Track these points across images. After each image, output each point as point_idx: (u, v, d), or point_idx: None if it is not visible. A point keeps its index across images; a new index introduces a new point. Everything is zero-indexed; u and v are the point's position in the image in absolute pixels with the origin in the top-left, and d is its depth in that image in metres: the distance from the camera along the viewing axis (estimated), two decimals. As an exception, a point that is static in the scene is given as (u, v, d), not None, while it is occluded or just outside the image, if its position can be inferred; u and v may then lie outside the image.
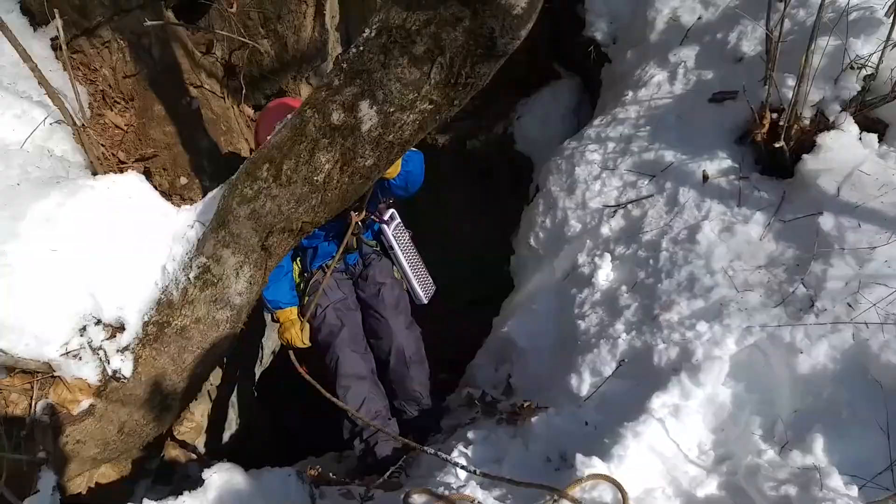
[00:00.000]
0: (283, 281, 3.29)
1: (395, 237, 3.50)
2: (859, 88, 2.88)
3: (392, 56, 1.93)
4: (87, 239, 2.35)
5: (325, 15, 4.38)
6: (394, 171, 2.95)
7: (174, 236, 2.46)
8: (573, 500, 2.04)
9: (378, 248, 3.59)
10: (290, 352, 3.33)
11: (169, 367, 2.41)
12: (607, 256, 3.18)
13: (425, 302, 3.64)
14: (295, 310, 3.34)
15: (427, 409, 3.42)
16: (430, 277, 3.70)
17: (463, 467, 2.46)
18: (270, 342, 4.84)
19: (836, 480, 1.98)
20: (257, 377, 4.81)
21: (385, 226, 3.48)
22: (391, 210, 3.55)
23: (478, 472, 2.33)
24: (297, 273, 3.53)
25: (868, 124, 2.87)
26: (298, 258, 3.54)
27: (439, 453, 2.56)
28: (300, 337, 3.30)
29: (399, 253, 3.51)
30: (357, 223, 3.26)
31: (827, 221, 2.61)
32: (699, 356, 2.45)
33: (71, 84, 2.96)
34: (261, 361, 4.82)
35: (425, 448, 2.67)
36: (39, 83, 2.76)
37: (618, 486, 2.08)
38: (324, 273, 3.41)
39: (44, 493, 2.08)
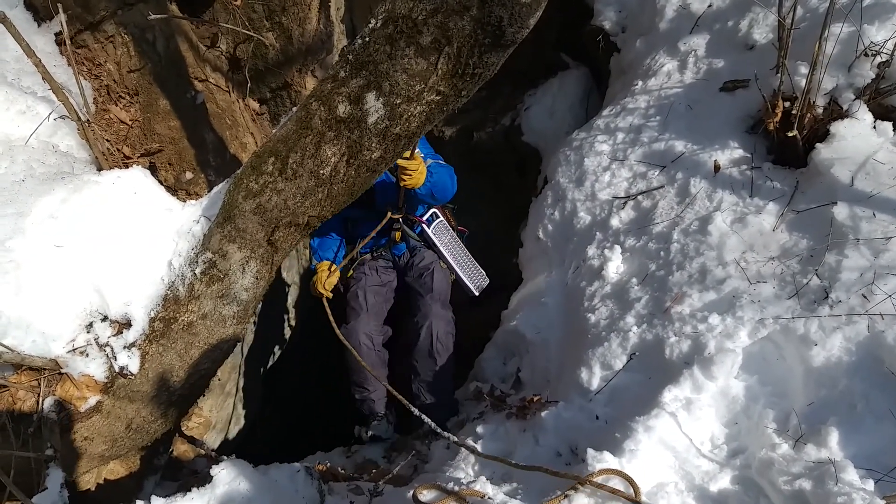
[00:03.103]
0: (332, 241, 3.71)
1: (435, 236, 3.67)
2: (873, 76, 2.84)
3: (398, 47, 1.90)
4: (92, 235, 2.33)
5: (330, 7, 4.35)
6: (417, 181, 3.17)
7: (180, 231, 2.45)
8: (594, 485, 2.02)
9: (423, 243, 3.78)
10: (325, 301, 3.46)
11: (176, 363, 2.40)
12: (617, 248, 3.15)
13: (476, 294, 3.75)
14: (329, 263, 3.58)
15: (441, 399, 3.46)
16: (480, 270, 3.80)
17: (475, 451, 2.44)
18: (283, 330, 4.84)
19: (851, 474, 1.95)
20: (266, 372, 4.81)
21: (425, 226, 3.66)
22: (432, 210, 3.71)
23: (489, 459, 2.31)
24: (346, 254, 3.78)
25: (882, 112, 2.84)
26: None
27: (451, 437, 2.54)
28: (322, 283, 3.47)
29: (443, 250, 3.67)
30: (398, 219, 3.58)
31: (841, 211, 2.57)
32: (711, 349, 2.42)
33: (75, 79, 2.94)
34: (271, 356, 4.83)
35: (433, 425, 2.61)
36: (43, 78, 2.73)
37: (629, 481, 2.06)
38: (365, 256, 3.76)
39: (52, 490, 2.06)
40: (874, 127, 2.79)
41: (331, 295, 3.50)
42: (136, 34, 3.26)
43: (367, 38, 1.96)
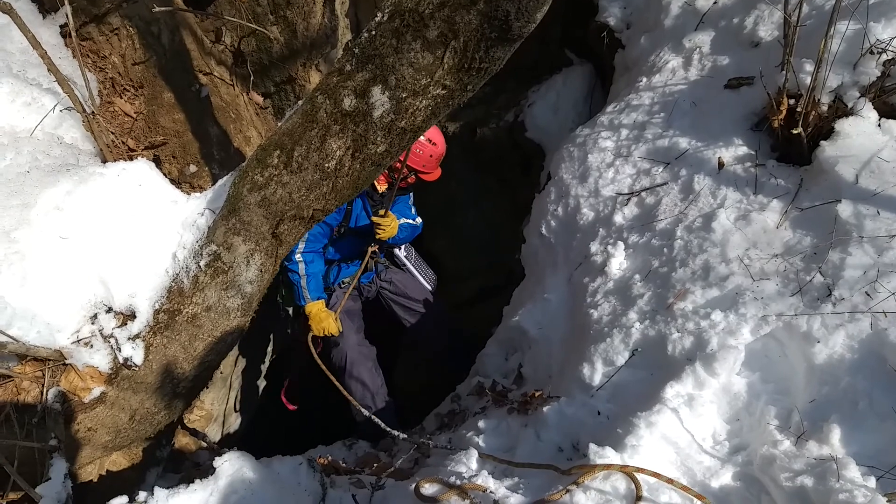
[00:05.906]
0: (317, 278, 3.88)
1: (406, 258, 4.29)
2: (879, 74, 2.83)
3: (405, 40, 1.90)
4: (97, 226, 2.34)
5: (335, 1, 4.35)
6: (390, 235, 3.67)
7: (184, 224, 2.45)
8: (577, 485, 2.02)
9: (387, 263, 4.29)
10: (311, 342, 3.74)
11: (180, 355, 2.41)
12: (620, 245, 3.14)
13: (431, 289, 4.39)
14: (323, 302, 3.85)
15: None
16: (429, 269, 4.51)
17: (481, 453, 2.44)
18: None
19: (853, 471, 1.95)
20: (267, 365, 4.82)
21: (397, 250, 4.25)
22: None
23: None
24: None
25: (887, 110, 2.82)
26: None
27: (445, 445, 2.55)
28: (332, 325, 3.77)
29: (412, 268, 4.33)
30: (374, 251, 3.99)
31: (845, 209, 2.57)
32: (714, 345, 2.42)
33: (80, 71, 2.94)
34: (271, 349, 4.83)
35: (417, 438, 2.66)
36: (49, 70, 2.74)
37: (631, 476, 2.06)
38: (341, 288, 4.06)
39: (55, 480, 2.07)
40: (879, 125, 2.78)
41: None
42: (141, 27, 3.26)
43: (374, 32, 1.96)
